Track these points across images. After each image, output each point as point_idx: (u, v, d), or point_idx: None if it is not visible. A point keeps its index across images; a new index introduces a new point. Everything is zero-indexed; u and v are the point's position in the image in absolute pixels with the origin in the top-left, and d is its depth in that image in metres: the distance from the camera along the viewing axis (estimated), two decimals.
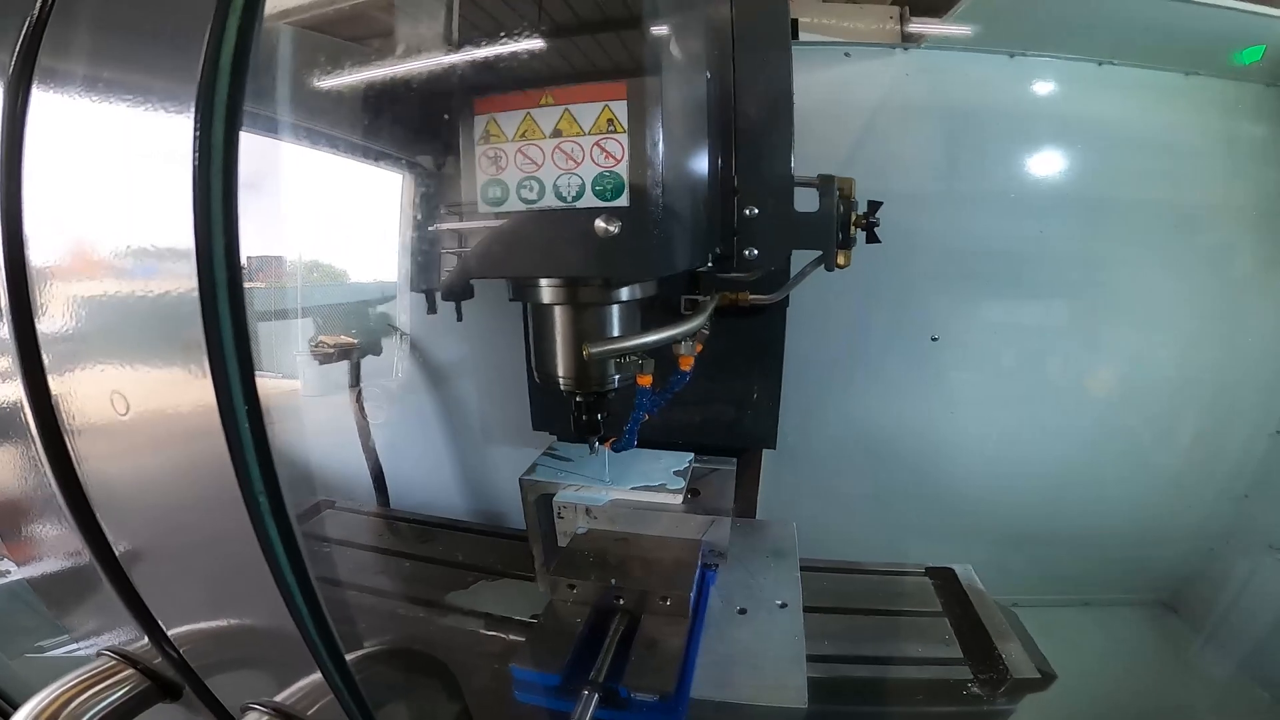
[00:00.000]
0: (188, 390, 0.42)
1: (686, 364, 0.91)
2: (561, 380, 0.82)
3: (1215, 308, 1.44)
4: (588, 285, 0.78)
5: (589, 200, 0.69)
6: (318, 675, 0.46)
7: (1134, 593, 1.54)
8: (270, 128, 0.74)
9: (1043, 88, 1.45)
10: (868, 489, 1.50)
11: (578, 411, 0.83)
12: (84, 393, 0.47)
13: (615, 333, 0.81)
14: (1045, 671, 0.91)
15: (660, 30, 0.68)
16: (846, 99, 1.43)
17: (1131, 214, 1.42)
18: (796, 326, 1.21)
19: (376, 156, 0.96)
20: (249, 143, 0.44)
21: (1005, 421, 1.50)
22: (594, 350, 0.76)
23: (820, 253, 0.92)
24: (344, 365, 1.26)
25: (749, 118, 0.87)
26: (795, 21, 1.34)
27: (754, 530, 1.13)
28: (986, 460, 1.50)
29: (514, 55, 0.69)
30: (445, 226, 1.00)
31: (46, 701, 0.45)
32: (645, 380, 0.84)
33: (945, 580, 1.11)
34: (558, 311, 0.80)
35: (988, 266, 1.45)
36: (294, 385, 1.07)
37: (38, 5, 0.47)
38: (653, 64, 0.67)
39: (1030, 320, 1.49)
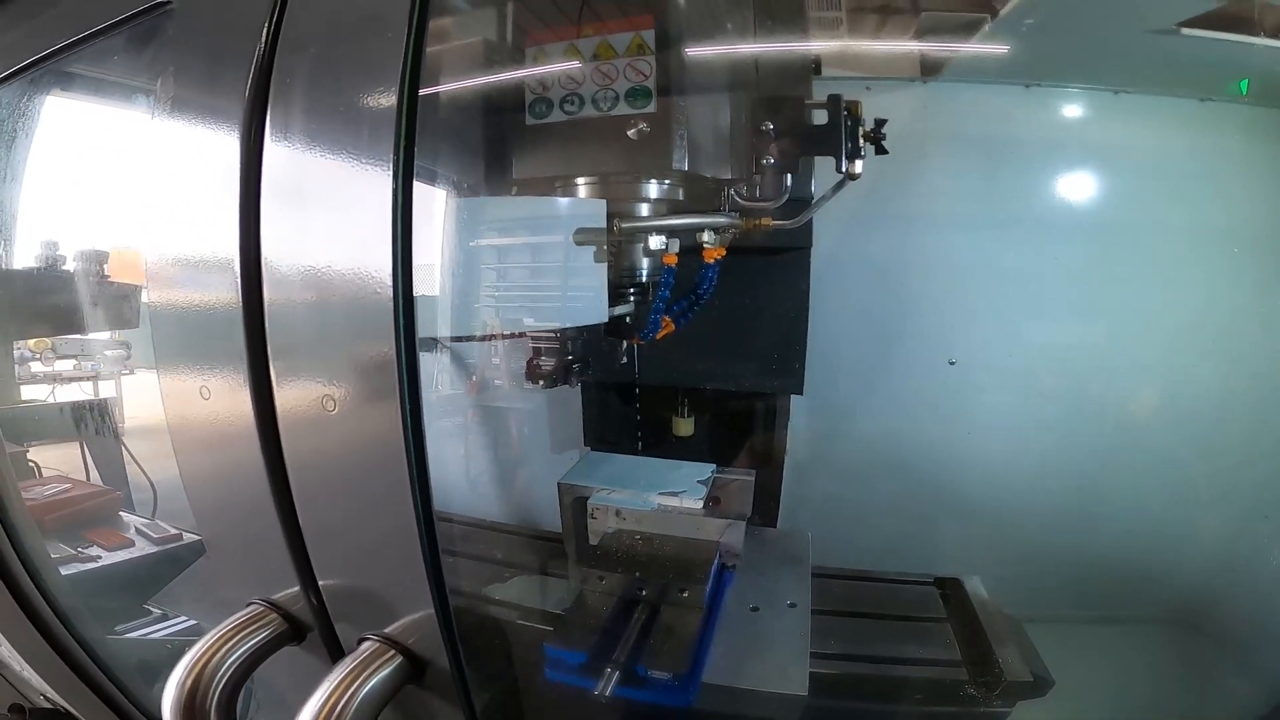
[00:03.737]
0: (376, 391, 0.55)
1: (711, 256, 1.00)
2: None
3: (1236, 328, 1.46)
4: (619, 182, 0.91)
5: (622, 109, 0.82)
6: (419, 613, 0.59)
7: (1156, 610, 1.55)
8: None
9: (1060, 116, 1.50)
10: (886, 505, 1.54)
11: None
12: (300, 392, 0.60)
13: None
14: (1041, 677, 0.97)
15: None
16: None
17: (1151, 238, 1.46)
18: (815, 348, 1.29)
19: (421, 173, 1.07)
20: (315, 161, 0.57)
21: (1025, 441, 1.54)
22: (624, 225, 0.86)
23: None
24: None
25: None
26: (818, 59, 1.43)
27: (772, 538, 1.21)
28: (1006, 479, 1.53)
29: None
30: (485, 242, 1.13)
31: (211, 641, 0.57)
32: (670, 259, 0.93)
33: (951, 589, 1.17)
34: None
35: (1006, 291, 1.50)
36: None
37: (259, 49, 0.59)
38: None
39: (1050, 343, 1.53)
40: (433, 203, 0.86)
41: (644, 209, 0.95)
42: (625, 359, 1.03)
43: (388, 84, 0.54)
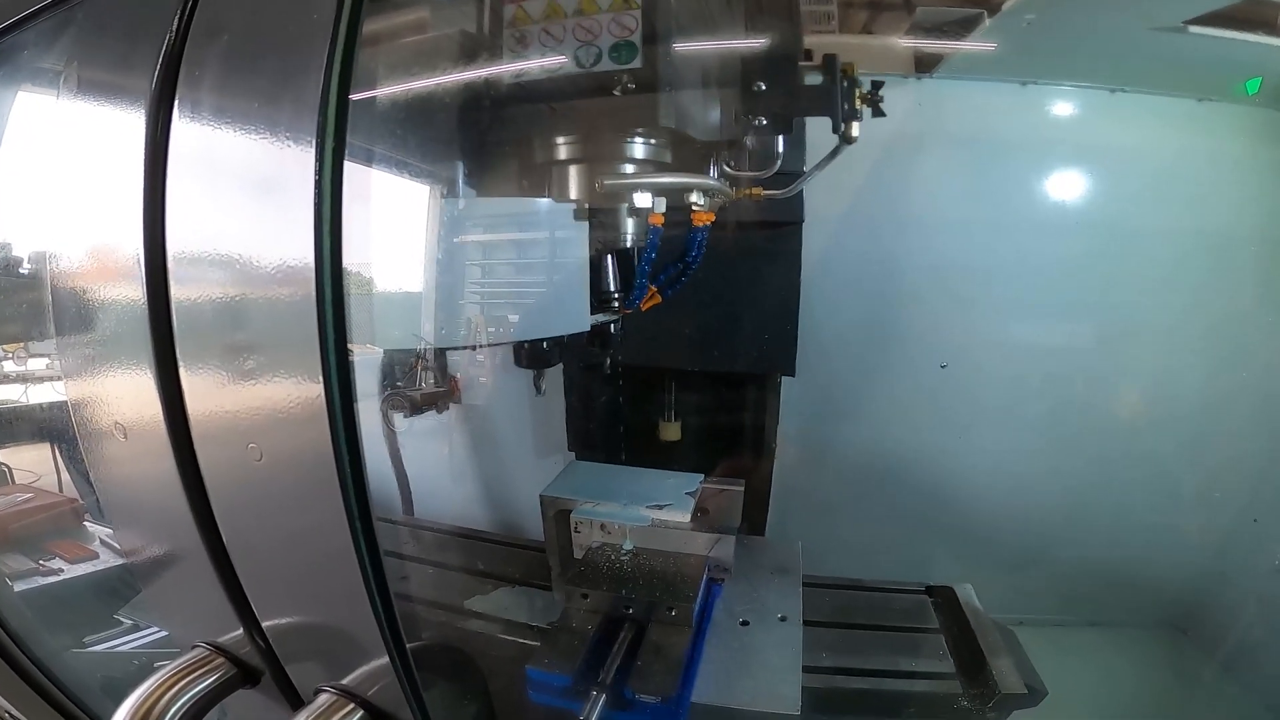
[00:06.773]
0: (303, 399, 0.49)
1: (700, 220, 0.96)
2: None
3: (1230, 332, 1.45)
4: (603, 140, 0.87)
5: (605, 65, 0.78)
6: (376, 662, 0.54)
7: (1144, 614, 1.54)
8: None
9: (1055, 115, 1.47)
10: (876, 511, 1.53)
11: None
12: (214, 406, 0.54)
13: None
14: (1034, 687, 0.95)
15: None
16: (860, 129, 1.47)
17: (1146, 239, 1.44)
18: (804, 352, 1.26)
19: (403, 168, 1.03)
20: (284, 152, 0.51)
21: (1015, 445, 1.52)
22: (608, 182, 0.81)
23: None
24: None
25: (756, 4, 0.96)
26: (809, 53, 1.39)
27: (761, 548, 1.17)
28: (997, 484, 1.52)
29: None
30: (471, 238, 1.08)
31: (154, 687, 0.53)
32: (657, 219, 0.88)
33: (944, 598, 1.15)
34: (573, 170, 0.87)
35: (999, 293, 1.48)
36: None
37: (169, 36, 0.54)
38: None
39: (1042, 346, 1.51)
40: (370, 186, 0.80)
41: (630, 169, 0.89)
42: (609, 367, 0.98)
43: (315, 60, 0.47)
